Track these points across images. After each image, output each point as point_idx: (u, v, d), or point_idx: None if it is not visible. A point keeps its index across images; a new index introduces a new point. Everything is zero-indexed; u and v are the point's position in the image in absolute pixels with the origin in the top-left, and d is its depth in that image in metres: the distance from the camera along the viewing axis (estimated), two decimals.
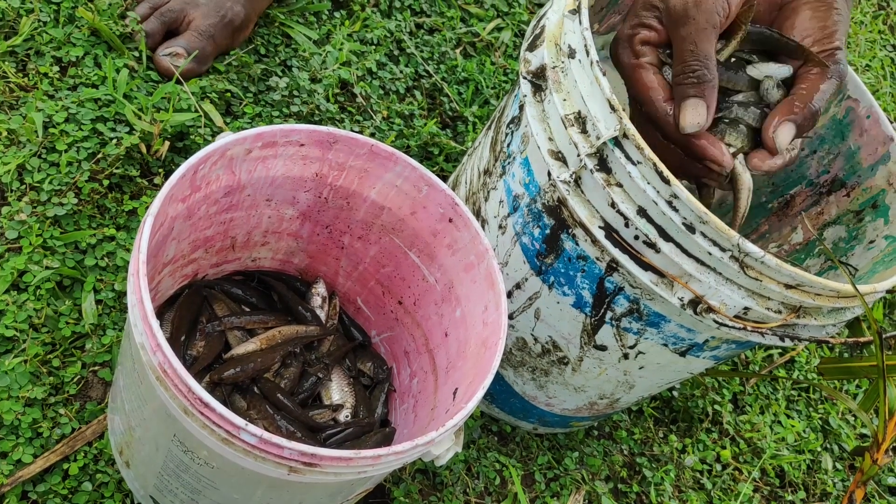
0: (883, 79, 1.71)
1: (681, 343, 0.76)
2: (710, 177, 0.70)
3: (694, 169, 0.70)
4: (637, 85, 0.69)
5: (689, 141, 0.67)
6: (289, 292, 0.89)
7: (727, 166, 0.67)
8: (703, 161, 0.68)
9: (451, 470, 0.94)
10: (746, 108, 0.70)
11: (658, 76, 0.69)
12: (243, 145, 0.69)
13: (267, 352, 0.82)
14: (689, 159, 0.69)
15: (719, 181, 0.70)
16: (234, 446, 0.56)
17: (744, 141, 0.69)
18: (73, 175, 0.90)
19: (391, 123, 1.14)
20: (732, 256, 0.65)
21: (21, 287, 0.84)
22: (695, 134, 0.66)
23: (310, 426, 0.81)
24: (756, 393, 1.20)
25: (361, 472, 0.59)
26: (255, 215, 0.80)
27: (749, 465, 1.12)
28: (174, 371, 0.55)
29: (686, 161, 0.69)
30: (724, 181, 0.70)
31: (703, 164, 0.68)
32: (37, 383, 0.81)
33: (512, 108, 0.79)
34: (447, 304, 0.79)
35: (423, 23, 1.27)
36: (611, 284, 0.73)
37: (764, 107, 0.70)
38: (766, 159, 0.69)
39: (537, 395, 0.92)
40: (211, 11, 1.04)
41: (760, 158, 0.69)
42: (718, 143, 0.67)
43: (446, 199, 0.75)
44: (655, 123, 0.69)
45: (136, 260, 0.58)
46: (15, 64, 0.97)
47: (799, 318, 0.70)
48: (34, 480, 0.78)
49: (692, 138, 0.67)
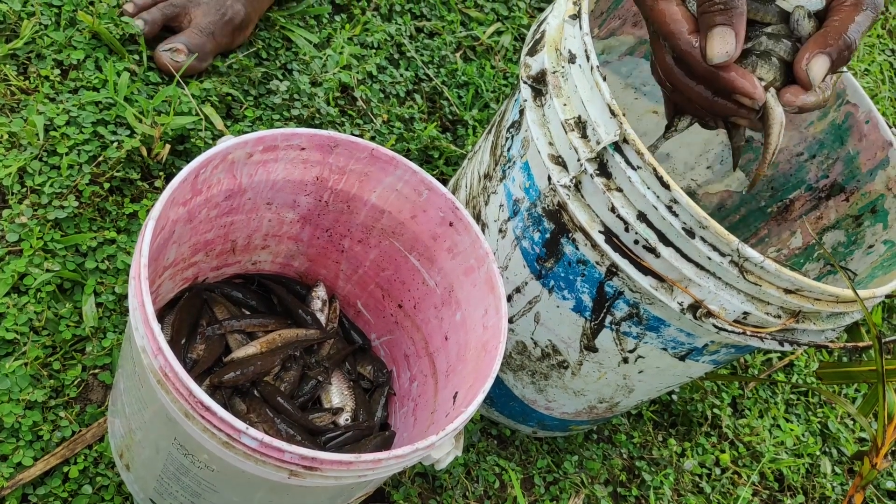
0: (882, 83, 1.71)
1: (680, 347, 0.76)
2: (740, 114, 0.66)
3: (722, 107, 0.66)
4: (659, 19, 0.64)
5: (717, 74, 0.63)
6: (289, 296, 0.89)
7: (759, 99, 0.63)
8: (733, 95, 0.64)
9: (450, 473, 0.95)
10: (778, 40, 0.65)
11: (681, 7, 0.64)
12: (244, 149, 0.70)
13: (267, 355, 0.82)
14: (716, 98, 0.65)
15: (750, 118, 0.66)
16: (235, 450, 0.56)
17: (776, 74, 0.65)
18: (73, 178, 0.91)
19: (391, 127, 1.14)
20: (732, 261, 0.65)
21: (21, 290, 0.84)
22: (723, 66, 0.62)
23: (309, 429, 0.81)
24: (755, 397, 1.20)
25: (362, 475, 0.59)
26: (256, 219, 0.80)
27: (748, 468, 1.12)
28: (175, 375, 0.55)
29: (713, 100, 0.65)
30: (755, 117, 0.65)
31: (732, 99, 0.64)
32: (37, 386, 0.81)
33: (512, 112, 0.79)
34: (447, 308, 0.79)
35: (423, 27, 1.27)
36: (610, 289, 0.73)
37: (795, 40, 0.65)
38: (799, 94, 0.64)
39: (537, 398, 0.92)
40: (212, 9, 1.04)
41: (793, 93, 0.64)
42: (749, 75, 0.63)
43: (447, 202, 0.75)
44: (680, 59, 0.65)
45: (137, 264, 0.58)
46: (16, 67, 0.97)
47: (798, 322, 0.70)
48: (34, 483, 0.78)
49: (720, 71, 0.63)
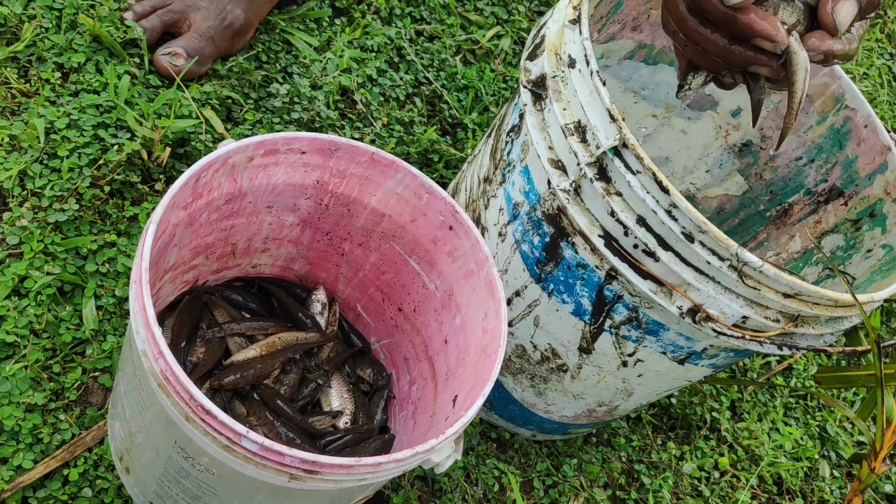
0: (881, 87, 1.72)
1: (679, 351, 0.77)
2: (760, 61, 0.61)
3: (740, 56, 0.61)
4: None
5: (734, 17, 0.59)
6: (289, 299, 0.90)
7: (782, 42, 0.59)
8: (753, 39, 0.59)
9: (450, 477, 0.95)
10: None
11: None
12: (245, 153, 0.70)
13: (267, 358, 0.82)
14: (734, 45, 0.61)
15: (771, 65, 0.61)
16: (236, 453, 0.56)
17: (799, 17, 0.60)
18: (74, 181, 0.91)
19: (391, 130, 1.14)
20: (731, 265, 0.65)
21: (22, 293, 0.84)
22: (742, 7, 0.58)
23: (309, 433, 0.81)
24: (754, 400, 1.20)
25: (361, 479, 0.59)
26: (256, 222, 0.81)
27: (747, 472, 1.12)
28: (176, 378, 0.55)
29: (730, 49, 0.61)
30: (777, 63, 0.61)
31: (751, 45, 0.60)
32: (37, 389, 0.81)
33: (512, 116, 0.80)
34: (447, 312, 0.79)
35: (423, 30, 1.28)
36: (610, 293, 0.73)
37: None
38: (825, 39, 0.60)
39: (536, 402, 0.92)
40: (211, 14, 1.04)
41: (819, 38, 0.60)
42: (770, 17, 0.59)
43: (447, 206, 0.75)
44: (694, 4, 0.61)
45: (138, 267, 0.59)
46: (17, 70, 0.97)
47: (797, 326, 0.70)
48: (34, 486, 0.78)
49: (739, 13, 0.58)
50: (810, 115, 0.93)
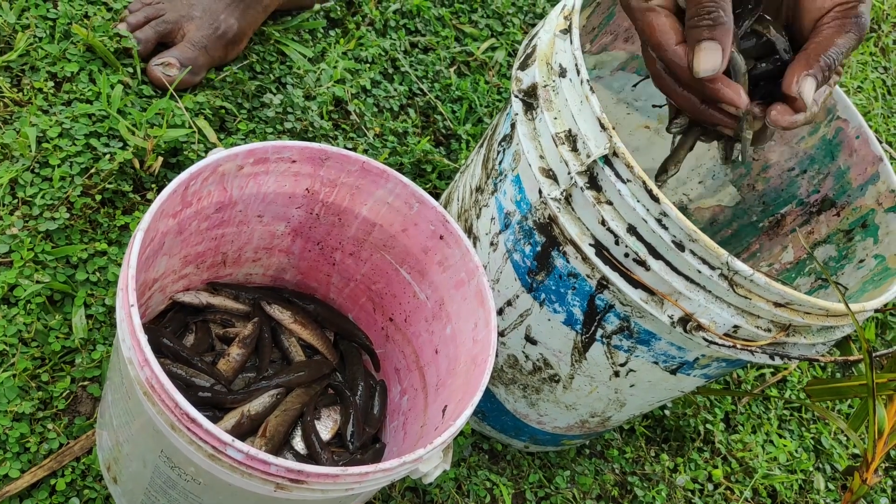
0: (874, 100, 1.72)
1: (671, 361, 0.76)
2: (725, 123, 0.67)
3: (710, 116, 0.67)
4: (647, 29, 0.66)
5: (703, 84, 0.65)
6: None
7: (743, 106, 0.65)
8: (719, 103, 0.66)
9: (441, 488, 0.94)
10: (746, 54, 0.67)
11: (670, 19, 0.65)
12: (235, 161, 0.70)
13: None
14: (703, 106, 0.67)
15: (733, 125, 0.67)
16: (221, 462, 0.55)
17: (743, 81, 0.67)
18: (65, 190, 0.90)
19: (385, 141, 1.14)
20: (722, 274, 0.65)
21: (11, 301, 0.84)
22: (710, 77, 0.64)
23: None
24: (748, 412, 1.20)
25: (349, 489, 0.59)
26: (247, 231, 0.80)
27: (741, 484, 1.12)
28: (161, 386, 0.55)
29: (700, 109, 0.67)
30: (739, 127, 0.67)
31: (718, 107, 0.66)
32: (25, 398, 0.80)
33: (504, 126, 0.80)
34: (438, 322, 0.79)
35: (417, 42, 1.28)
36: (601, 302, 0.73)
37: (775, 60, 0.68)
38: (786, 114, 0.65)
39: (528, 412, 0.92)
40: (205, 24, 1.04)
41: (781, 111, 0.65)
42: (734, 85, 0.65)
43: (437, 216, 0.75)
44: (668, 69, 0.66)
45: (125, 275, 0.58)
46: (10, 79, 0.97)
47: (788, 336, 0.70)
48: (21, 495, 0.77)
49: (707, 82, 0.64)
50: None
